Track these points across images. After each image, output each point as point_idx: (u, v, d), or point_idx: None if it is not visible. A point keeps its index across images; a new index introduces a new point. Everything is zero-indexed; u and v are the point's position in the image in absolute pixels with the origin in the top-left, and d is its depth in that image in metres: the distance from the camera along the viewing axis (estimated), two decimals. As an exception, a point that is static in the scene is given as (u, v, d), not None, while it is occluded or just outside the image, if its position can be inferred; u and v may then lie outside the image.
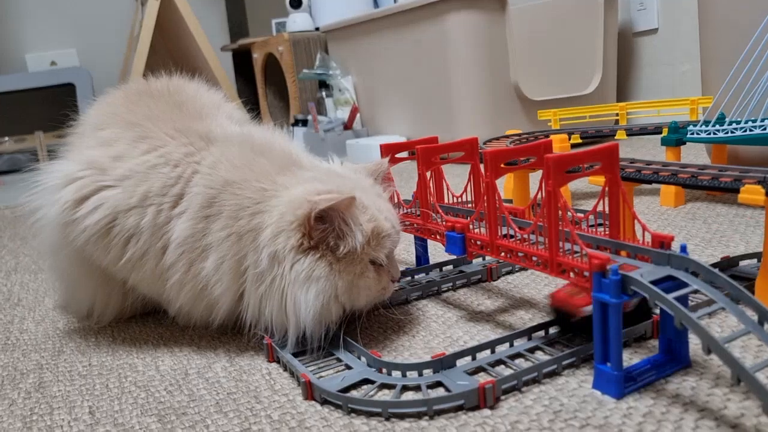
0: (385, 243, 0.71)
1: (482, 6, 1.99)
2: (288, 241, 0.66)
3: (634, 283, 0.54)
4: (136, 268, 0.75)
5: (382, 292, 0.73)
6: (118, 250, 0.74)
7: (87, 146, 0.81)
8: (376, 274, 0.71)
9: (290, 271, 0.66)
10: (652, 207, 1.22)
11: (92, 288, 0.84)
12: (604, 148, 0.63)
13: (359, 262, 0.69)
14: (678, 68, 2.21)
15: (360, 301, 0.71)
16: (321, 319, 0.67)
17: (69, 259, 0.81)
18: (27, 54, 3.35)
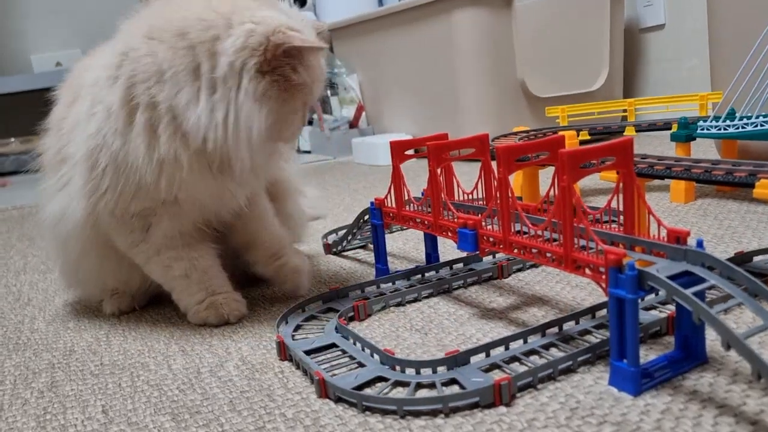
0: (318, 89, 0.79)
1: (488, 3, 1.98)
2: (251, 58, 0.71)
3: (651, 279, 0.54)
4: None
5: (297, 133, 0.81)
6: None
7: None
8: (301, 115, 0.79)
9: (248, 85, 0.71)
10: (662, 203, 1.22)
11: (110, 273, 0.87)
12: (619, 143, 0.62)
13: (298, 99, 0.76)
14: (685, 63, 2.20)
15: (285, 134, 0.78)
16: (265, 136, 0.73)
17: (89, 243, 0.84)
18: (32, 55, 3.36)
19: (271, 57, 0.71)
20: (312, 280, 0.99)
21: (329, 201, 1.63)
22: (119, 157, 0.75)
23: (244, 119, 0.71)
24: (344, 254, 1.13)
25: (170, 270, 0.83)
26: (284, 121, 0.76)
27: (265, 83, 0.71)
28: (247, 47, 0.71)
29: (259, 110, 0.72)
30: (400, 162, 0.87)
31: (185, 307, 0.85)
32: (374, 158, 2.25)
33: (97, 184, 0.78)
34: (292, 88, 0.74)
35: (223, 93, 0.71)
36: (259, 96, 0.71)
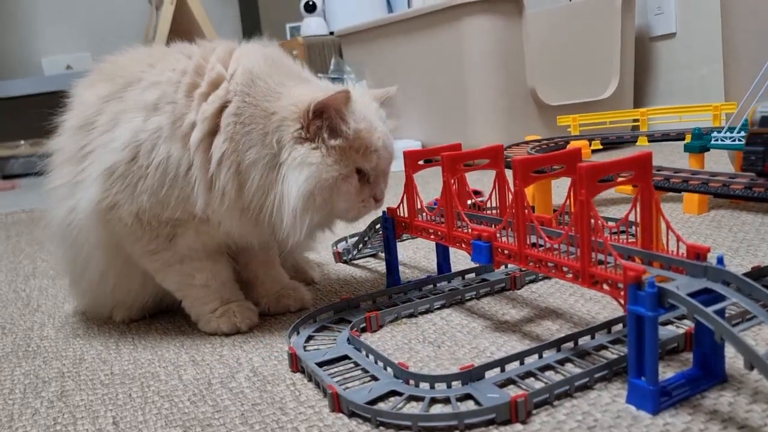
0: (373, 157, 0.78)
1: (499, 10, 1.98)
2: (289, 129, 0.74)
3: (672, 296, 0.53)
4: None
5: (361, 205, 0.79)
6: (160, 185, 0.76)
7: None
8: (359, 184, 0.78)
9: (288, 156, 0.73)
10: (675, 214, 1.21)
11: (124, 280, 0.86)
12: (637, 157, 0.62)
13: (346, 165, 0.75)
14: (696, 72, 2.19)
15: (339, 203, 0.76)
16: (307, 204, 0.73)
17: (102, 250, 0.82)
18: (43, 58, 3.37)
19: (306, 123, 0.73)
20: (322, 290, 0.98)
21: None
22: (171, 168, 0.75)
23: (287, 187, 0.73)
24: (355, 263, 1.12)
25: (191, 279, 0.83)
26: (332, 189, 0.75)
27: (305, 150, 0.73)
28: (285, 120, 0.74)
29: (298, 176, 0.73)
30: (414, 172, 0.86)
31: (197, 316, 0.85)
32: (383, 165, 2.24)
33: (131, 180, 0.76)
34: (336, 152, 0.74)
35: (276, 170, 0.73)
36: (298, 163, 0.73)
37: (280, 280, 0.91)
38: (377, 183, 0.80)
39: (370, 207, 0.80)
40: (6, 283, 1.22)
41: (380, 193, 0.81)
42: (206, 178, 0.75)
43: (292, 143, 0.73)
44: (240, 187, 0.75)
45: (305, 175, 0.73)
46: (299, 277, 1.00)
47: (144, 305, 0.91)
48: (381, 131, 0.79)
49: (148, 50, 0.87)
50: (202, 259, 0.83)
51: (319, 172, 0.73)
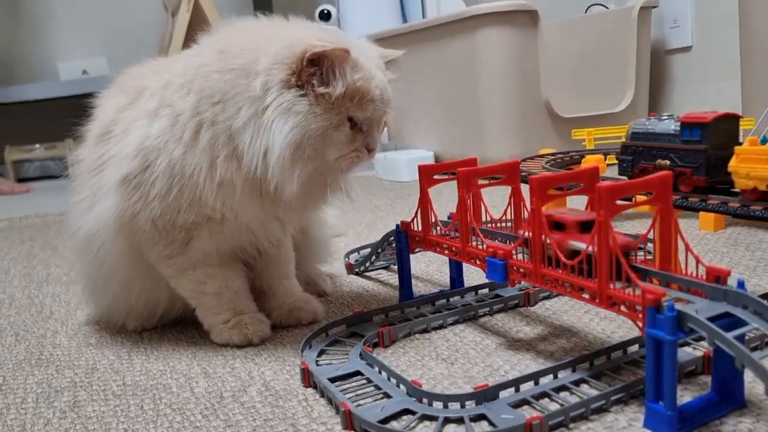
0: (368, 107, 0.75)
1: (514, 22, 1.97)
2: (279, 74, 0.71)
3: (691, 320, 0.52)
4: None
5: (354, 156, 0.76)
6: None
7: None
8: (351, 133, 0.75)
9: (274, 101, 0.70)
10: (691, 231, 1.19)
11: (149, 287, 0.86)
12: (657, 177, 0.61)
13: (337, 113, 0.73)
14: (712, 86, 2.18)
15: (330, 153, 0.74)
16: (294, 155, 0.71)
17: (127, 258, 0.82)
18: (59, 63, 3.40)
19: (299, 69, 0.71)
20: (334, 302, 0.98)
21: (350, 217, 1.62)
22: (176, 167, 0.75)
23: (271, 136, 0.70)
24: (367, 275, 1.12)
25: (203, 286, 0.83)
26: (322, 138, 0.72)
27: (291, 96, 0.71)
28: (276, 63, 0.71)
29: (283, 124, 0.70)
30: (429, 186, 0.86)
31: (209, 326, 0.85)
32: (396, 174, 2.24)
33: (144, 189, 0.77)
34: (326, 102, 0.72)
35: (260, 115, 0.71)
36: (283, 110, 0.70)
37: (293, 292, 0.91)
38: (371, 132, 0.77)
39: (363, 157, 0.77)
40: (20, 288, 1.22)
41: (373, 142, 0.77)
42: (214, 175, 0.74)
43: (279, 87, 0.71)
44: (240, 167, 0.73)
45: (291, 124, 0.70)
46: (311, 289, 0.99)
47: (160, 314, 0.91)
48: (379, 80, 0.76)
49: (162, 59, 0.88)
50: (215, 266, 0.83)
51: (307, 121, 0.71)
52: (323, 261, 1.07)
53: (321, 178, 0.77)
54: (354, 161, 0.77)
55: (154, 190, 0.77)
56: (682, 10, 2.21)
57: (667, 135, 0.90)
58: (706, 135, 0.85)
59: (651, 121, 0.93)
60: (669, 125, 0.91)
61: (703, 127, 0.86)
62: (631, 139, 0.95)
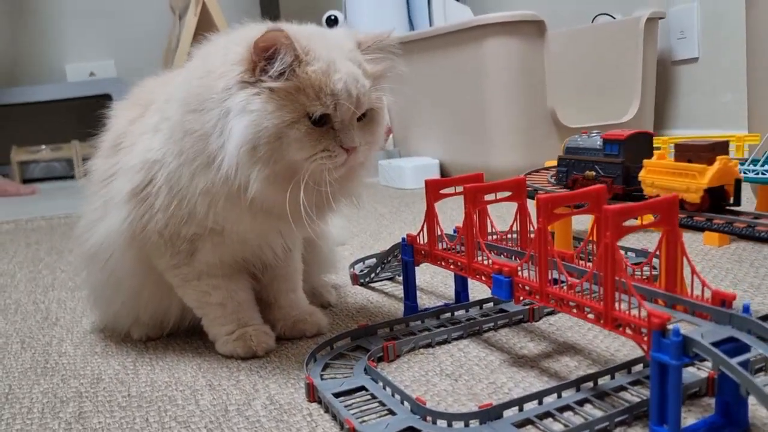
0: (327, 101, 0.70)
1: (521, 32, 1.98)
2: (234, 72, 0.69)
3: (697, 346, 0.53)
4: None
5: (324, 156, 0.71)
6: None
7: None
8: (312, 131, 0.70)
9: (232, 103, 0.69)
10: (695, 246, 1.19)
11: (149, 295, 0.86)
12: (664, 200, 0.61)
13: (292, 110, 0.69)
14: (718, 98, 2.18)
15: (293, 153, 0.70)
16: (251, 157, 0.69)
17: (137, 268, 0.83)
18: (67, 64, 3.41)
19: (252, 66, 0.69)
20: (339, 314, 0.98)
21: (355, 225, 1.63)
22: (173, 179, 0.76)
23: (230, 137, 0.69)
24: (371, 285, 1.12)
25: (207, 296, 0.84)
26: (279, 138, 0.69)
27: (245, 95, 0.69)
28: (233, 64, 0.70)
29: (237, 124, 0.68)
30: (435, 201, 0.86)
31: (214, 336, 0.85)
32: (401, 181, 2.25)
33: (150, 201, 0.78)
34: (279, 98, 0.69)
35: (225, 118, 0.70)
36: (240, 110, 0.68)
37: (298, 304, 0.91)
38: (345, 129, 0.72)
39: (337, 157, 0.71)
40: (26, 293, 1.23)
41: (349, 140, 0.71)
42: (196, 184, 0.74)
43: (236, 88, 0.69)
44: (216, 174, 0.71)
45: (244, 123, 0.68)
46: (316, 300, 1.00)
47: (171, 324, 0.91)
48: (343, 73, 0.70)
49: (173, 72, 0.88)
50: (219, 277, 0.83)
51: (259, 120, 0.68)
52: (328, 272, 1.07)
53: (300, 184, 0.71)
54: (327, 161, 0.71)
55: (157, 202, 0.78)
56: (689, 21, 2.21)
57: (593, 150, 1.02)
58: (622, 150, 0.98)
59: (582, 138, 1.06)
60: (595, 141, 1.04)
61: (620, 143, 0.99)
62: (566, 153, 1.06)
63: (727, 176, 0.82)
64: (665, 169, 0.87)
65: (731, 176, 0.82)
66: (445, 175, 2.33)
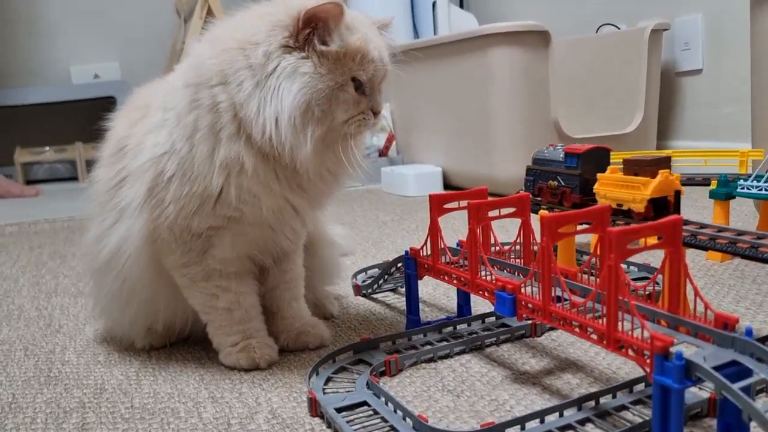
0: (369, 67, 0.76)
1: (525, 42, 1.98)
2: (277, 38, 0.72)
3: (699, 370, 0.53)
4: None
5: (361, 118, 0.77)
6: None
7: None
8: (356, 94, 0.76)
9: (278, 66, 0.72)
10: (697, 261, 1.20)
11: (163, 305, 0.87)
12: (668, 222, 0.61)
13: (341, 74, 0.74)
14: (722, 110, 2.18)
15: (339, 114, 0.75)
16: (304, 116, 0.72)
17: (144, 271, 0.83)
18: (72, 66, 3.42)
19: (296, 31, 0.72)
20: (341, 326, 0.98)
21: (358, 234, 1.63)
22: (186, 164, 0.76)
23: (280, 100, 0.71)
24: (374, 296, 1.12)
25: (215, 299, 0.83)
26: (330, 99, 0.73)
27: (294, 59, 0.72)
28: (274, 29, 0.73)
29: (290, 86, 0.71)
30: (439, 215, 0.87)
31: (218, 345, 0.86)
32: (403, 189, 2.25)
33: (161, 195, 0.78)
34: (329, 61, 0.73)
35: (265, 81, 0.72)
36: (289, 73, 0.72)
37: (302, 315, 0.91)
38: (373, 95, 0.78)
39: (369, 120, 0.78)
40: (29, 299, 1.23)
41: (377, 104, 0.78)
42: (214, 159, 0.75)
43: (280, 52, 0.72)
44: (249, 143, 0.74)
45: (298, 85, 0.71)
46: (318, 311, 1.00)
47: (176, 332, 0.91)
48: (376, 42, 0.78)
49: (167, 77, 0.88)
50: (230, 279, 0.83)
51: (314, 81, 0.72)
52: (332, 283, 1.07)
53: (332, 146, 0.77)
54: (362, 124, 0.77)
55: (168, 195, 0.78)
56: (694, 33, 2.21)
57: (557, 161, 1.10)
58: (580, 163, 1.06)
59: (548, 150, 1.14)
60: (558, 153, 1.12)
61: (578, 157, 1.07)
62: (534, 163, 1.15)
63: (669, 188, 0.91)
64: (615, 182, 0.96)
65: (672, 188, 0.91)
66: (448, 182, 2.33)
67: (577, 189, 1.06)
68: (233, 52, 0.74)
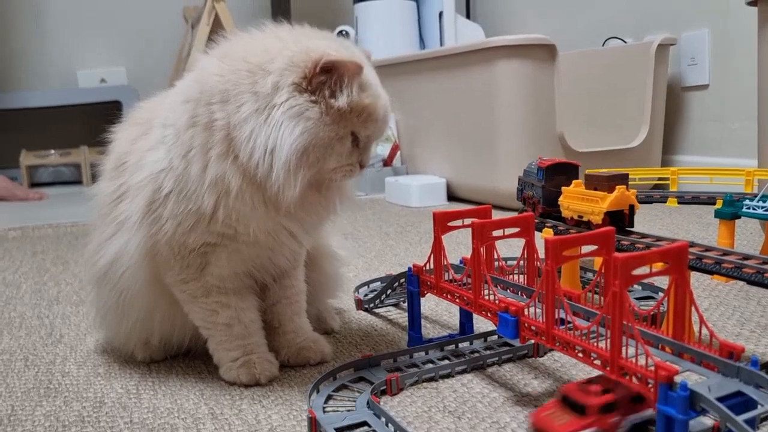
0: (371, 126, 0.78)
1: (531, 55, 1.98)
2: (291, 76, 0.73)
3: (704, 401, 0.52)
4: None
5: (349, 169, 0.78)
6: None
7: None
8: (351, 147, 0.77)
9: (285, 102, 0.72)
10: (702, 281, 1.19)
11: (159, 314, 0.87)
12: (673, 248, 0.61)
13: (344, 127, 0.75)
14: (727, 125, 2.17)
15: (330, 162, 0.76)
16: (301, 160, 0.73)
17: (142, 285, 0.83)
18: (78, 70, 3.43)
19: (311, 74, 0.73)
20: (342, 341, 0.98)
21: (360, 245, 1.63)
22: (182, 181, 0.76)
23: (279, 136, 0.72)
24: (376, 311, 1.12)
25: (215, 315, 0.83)
26: (327, 148, 0.75)
27: (303, 101, 0.72)
28: (291, 66, 0.73)
29: (293, 127, 0.72)
30: (443, 233, 0.86)
31: (218, 360, 0.85)
32: (407, 199, 2.25)
33: (159, 212, 0.78)
34: (335, 113, 0.74)
35: (267, 112, 0.72)
36: (295, 113, 0.72)
37: (303, 330, 0.91)
38: (366, 149, 0.80)
39: (356, 171, 0.79)
40: (30, 307, 1.23)
41: (367, 159, 0.81)
42: (204, 177, 0.75)
43: (291, 89, 0.72)
44: (235, 163, 0.74)
45: (301, 128, 0.72)
46: (319, 326, 1.00)
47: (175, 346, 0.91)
48: (384, 100, 0.79)
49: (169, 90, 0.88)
50: (229, 295, 0.83)
51: (317, 129, 0.73)
52: (334, 297, 1.07)
53: (316, 186, 0.80)
54: (348, 174, 0.79)
55: (166, 211, 0.78)
56: (701, 47, 2.21)
57: (533, 173, 1.17)
58: (544, 176, 1.13)
59: (533, 162, 1.20)
60: (534, 167, 1.19)
61: (543, 170, 1.13)
62: (523, 175, 1.22)
63: (624, 202, 0.99)
64: (577, 195, 1.04)
65: (627, 203, 0.99)
66: (452, 194, 2.33)
67: (541, 200, 1.14)
68: (241, 74, 0.74)
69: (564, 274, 1.05)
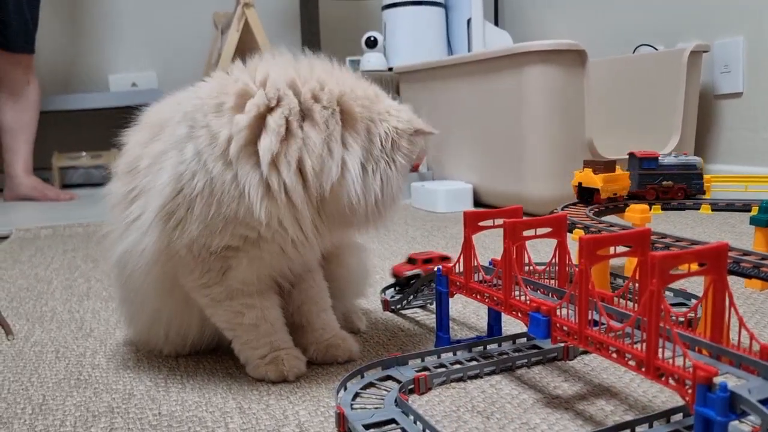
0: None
1: (561, 61, 1.97)
2: (401, 140, 0.82)
3: (745, 403, 0.51)
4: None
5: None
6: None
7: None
8: None
9: (399, 161, 0.82)
10: (736, 288, 1.16)
11: (180, 319, 0.88)
12: (713, 248, 0.60)
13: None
14: (761, 135, 2.14)
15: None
16: (391, 207, 0.84)
17: (151, 284, 0.84)
18: (110, 75, 3.49)
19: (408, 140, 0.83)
20: (369, 341, 0.98)
21: (386, 249, 1.63)
22: (216, 184, 0.75)
23: (395, 189, 0.82)
24: (402, 312, 1.11)
25: (240, 317, 0.83)
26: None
27: (402, 161, 0.83)
28: (403, 131, 0.82)
29: (402, 183, 0.84)
30: (473, 233, 0.86)
31: (246, 359, 0.85)
32: (433, 205, 2.24)
33: (180, 214, 0.78)
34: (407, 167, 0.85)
35: (381, 165, 0.80)
36: (401, 169, 0.83)
37: (332, 326, 0.91)
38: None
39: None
40: (61, 302, 1.25)
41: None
42: (260, 182, 0.75)
43: (399, 154, 0.82)
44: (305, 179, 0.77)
45: (400, 183, 0.84)
46: (346, 326, 0.99)
47: (190, 343, 0.91)
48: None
49: (179, 93, 0.88)
50: (253, 296, 0.83)
51: (400, 182, 0.84)
52: (362, 294, 1.06)
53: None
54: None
55: (192, 213, 0.77)
56: (734, 55, 2.17)
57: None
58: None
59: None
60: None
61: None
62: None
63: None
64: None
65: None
66: (478, 200, 2.32)
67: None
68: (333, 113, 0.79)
69: (594, 276, 1.03)
